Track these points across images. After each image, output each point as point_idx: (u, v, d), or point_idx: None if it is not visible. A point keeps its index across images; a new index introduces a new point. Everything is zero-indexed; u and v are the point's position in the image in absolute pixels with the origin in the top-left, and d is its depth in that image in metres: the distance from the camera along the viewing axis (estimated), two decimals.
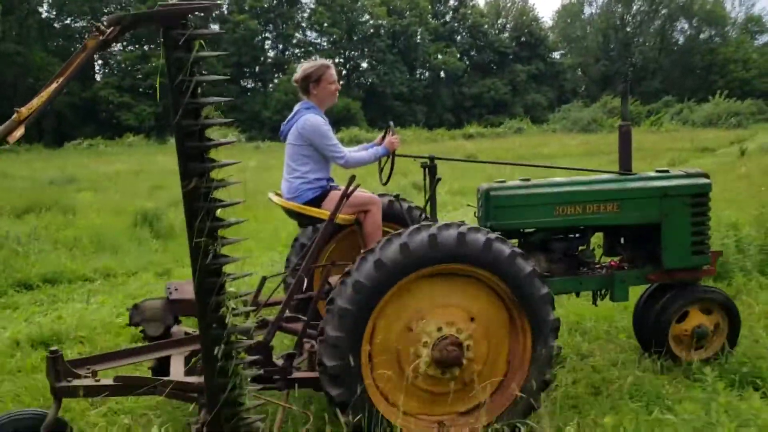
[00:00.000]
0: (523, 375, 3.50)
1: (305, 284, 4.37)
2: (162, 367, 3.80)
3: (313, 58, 4.88)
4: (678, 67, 71.05)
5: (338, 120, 46.28)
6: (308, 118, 4.44)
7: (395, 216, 4.86)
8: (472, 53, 66.42)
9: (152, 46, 50.08)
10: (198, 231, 2.72)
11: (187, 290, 4.24)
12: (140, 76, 48.82)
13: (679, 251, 4.44)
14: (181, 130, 2.65)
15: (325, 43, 59.82)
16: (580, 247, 4.57)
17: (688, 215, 4.44)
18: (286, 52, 58.12)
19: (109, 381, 3.45)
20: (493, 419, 3.44)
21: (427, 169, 4.62)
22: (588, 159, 22.03)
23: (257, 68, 55.03)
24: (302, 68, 4.63)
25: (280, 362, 3.62)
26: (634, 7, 73.67)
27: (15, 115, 2.54)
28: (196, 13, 2.58)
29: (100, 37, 2.58)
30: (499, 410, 3.48)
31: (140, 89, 48.08)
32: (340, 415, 3.27)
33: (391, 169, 4.82)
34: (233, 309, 2.86)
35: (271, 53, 57.81)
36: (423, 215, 4.86)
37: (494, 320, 3.53)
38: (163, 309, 4.11)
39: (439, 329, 3.41)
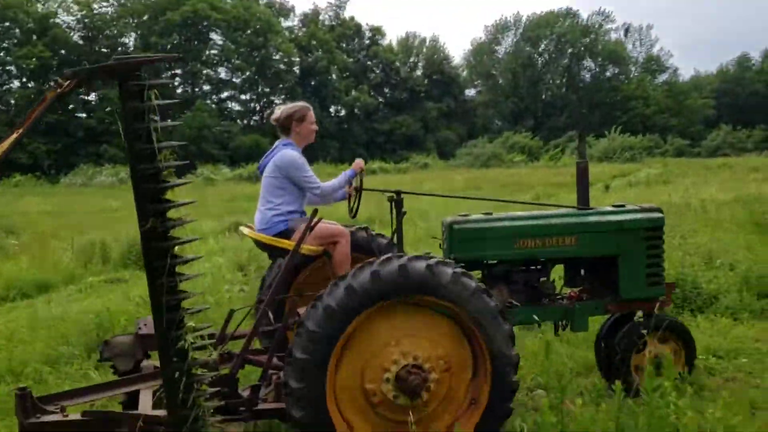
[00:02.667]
0: (481, 407, 3.60)
1: (272, 317, 4.50)
2: (133, 401, 3.84)
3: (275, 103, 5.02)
4: (584, 103, 74.77)
5: (247, 155, 46.46)
6: (286, 152, 4.68)
7: (363, 247, 4.98)
8: (386, 90, 67.99)
9: (49, 84, 49.13)
10: (157, 269, 2.85)
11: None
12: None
13: (636, 282, 4.64)
14: (137, 173, 2.84)
15: (236, 80, 60.12)
16: (541, 279, 4.74)
17: (643, 248, 4.65)
18: (196, 89, 58.00)
19: (77, 416, 3.48)
20: None
21: (393, 203, 4.81)
22: (467, 192, 22.93)
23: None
24: (284, 108, 4.88)
25: (245, 394, 3.69)
26: (542, 47, 77.10)
27: None
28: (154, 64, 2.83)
29: (58, 90, 2.75)
30: (471, 426, 3.58)
31: (34, 127, 46.87)
32: None
33: (358, 202, 5.02)
34: (193, 343, 2.94)
35: (179, 90, 57.56)
36: (393, 246, 4.99)
37: (457, 352, 3.63)
38: (133, 344, 4.18)
39: (404, 357, 3.50)
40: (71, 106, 50.25)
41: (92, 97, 53.62)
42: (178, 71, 56.55)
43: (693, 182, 24.61)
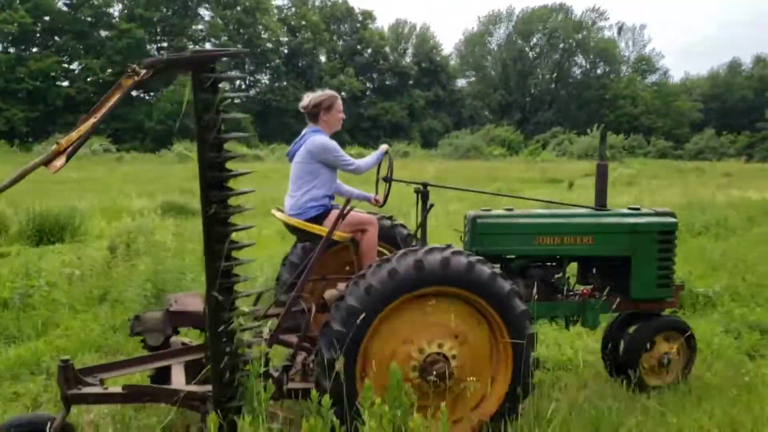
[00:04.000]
0: (505, 385, 3.76)
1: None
2: (160, 376, 3.96)
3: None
4: (573, 100, 74.81)
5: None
6: (316, 138, 4.74)
7: (387, 237, 5.14)
8: (373, 75, 67.78)
9: (32, 50, 48.78)
10: (216, 253, 2.98)
11: (186, 303, 4.45)
12: (14, 79, 47.26)
13: (646, 283, 4.79)
14: (205, 162, 2.95)
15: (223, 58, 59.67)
16: (556, 275, 4.88)
17: (655, 251, 4.80)
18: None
19: (117, 389, 3.60)
20: (479, 427, 3.67)
21: (420, 195, 4.96)
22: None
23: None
24: (312, 97, 4.91)
25: (275, 374, 3.76)
26: (534, 41, 77.04)
27: (55, 146, 2.77)
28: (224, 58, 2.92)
29: (135, 78, 2.83)
30: (485, 418, 3.73)
31: (12, 92, 46.57)
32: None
33: (388, 190, 5.14)
34: (241, 325, 3.08)
35: None
36: (414, 239, 5.14)
37: (477, 336, 3.78)
38: (163, 320, 4.27)
39: (428, 346, 3.66)
40: (52, 74, 49.85)
41: (74, 66, 53.28)
42: (161, 45, 56.15)
43: (658, 185, 24.76)
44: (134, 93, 55.86)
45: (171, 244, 7.91)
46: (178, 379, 3.77)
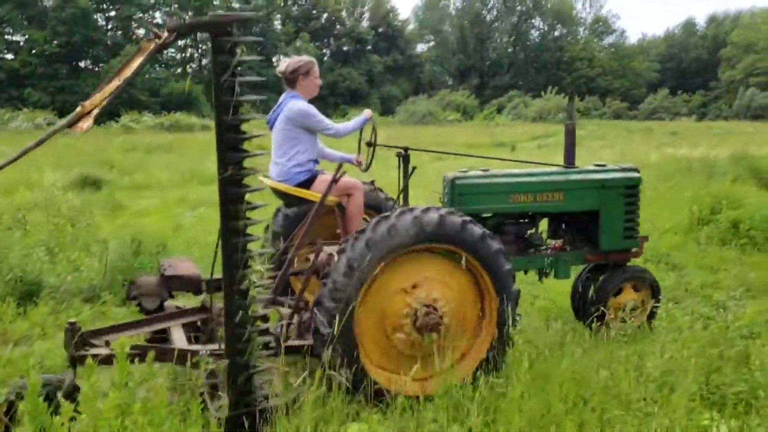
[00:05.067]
0: (489, 339, 3.99)
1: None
2: (156, 338, 4.11)
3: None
4: (531, 63, 74.95)
5: (179, 104, 45.52)
6: (295, 103, 4.79)
7: (368, 202, 5.21)
8: (330, 41, 66.94)
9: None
10: (232, 214, 3.11)
11: (180, 267, 4.56)
12: None
13: (614, 235, 5.10)
14: (221, 123, 3.02)
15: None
16: (529, 231, 5.17)
17: (621, 204, 5.12)
18: (130, 34, 56.10)
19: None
20: (467, 374, 3.86)
21: (401, 159, 5.13)
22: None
23: (91, 49, 52.76)
24: (290, 62, 4.92)
25: (275, 332, 3.88)
26: (491, 3, 76.70)
27: (79, 108, 2.80)
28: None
29: (157, 41, 2.85)
30: (472, 366, 3.96)
31: None
32: (333, 375, 3.59)
33: (371, 157, 5.24)
34: (254, 282, 3.20)
35: (112, 34, 55.69)
36: (395, 202, 5.29)
37: (465, 291, 4.02)
38: (159, 285, 4.41)
39: (420, 299, 3.86)
40: None
41: (18, 37, 51.59)
42: (109, 14, 54.61)
43: (602, 145, 25.06)
44: (82, 64, 54.67)
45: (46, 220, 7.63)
46: (179, 340, 3.94)
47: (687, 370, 3.64)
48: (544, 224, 5.41)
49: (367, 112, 5.20)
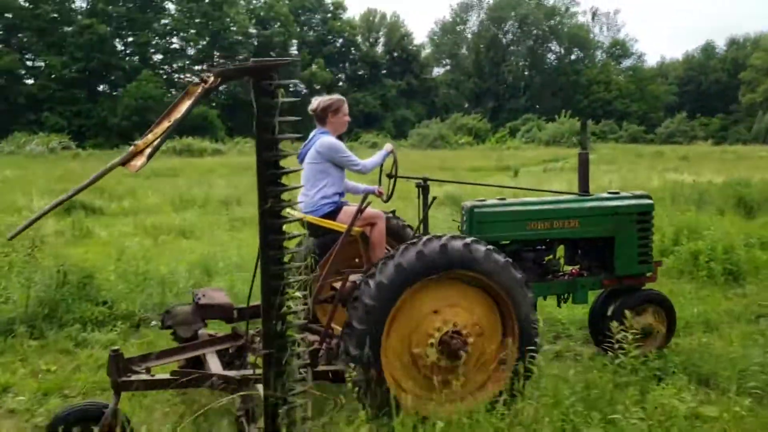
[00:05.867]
0: (510, 366, 4.10)
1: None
2: (190, 365, 4.28)
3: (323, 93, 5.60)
4: (547, 86, 74.90)
5: (194, 128, 46.05)
6: (325, 139, 5.06)
7: (390, 231, 5.41)
8: (345, 65, 67.59)
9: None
10: (272, 243, 3.30)
11: (213, 296, 4.75)
12: None
13: (629, 260, 5.27)
14: (262, 160, 3.24)
15: (190, 51, 59.46)
16: (547, 258, 5.30)
17: (635, 230, 5.28)
18: (148, 59, 57.19)
19: (165, 376, 3.88)
20: (488, 400, 3.98)
21: (420, 189, 5.26)
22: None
23: (108, 74, 53.81)
24: (321, 100, 5.21)
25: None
26: (506, 27, 77.00)
27: (132, 147, 2.96)
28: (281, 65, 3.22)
29: (204, 85, 3.04)
30: (501, 383, 4.09)
31: None
32: (359, 396, 3.78)
33: (393, 188, 5.44)
34: (291, 309, 3.37)
35: (131, 59, 56.75)
36: (417, 231, 5.39)
37: (489, 318, 4.18)
38: (193, 313, 4.57)
39: (445, 325, 4.01)
40: (14, 71, 49.33)
41: (40, 63, 52.74)
42: (127, 39, 55.76)
43: (607, 170, 24.90)
44: (99, 89, 55.71)
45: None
46: (215, 366, 4.09)
47: None
48: (560, 251, 5.58)
49: (388, 147, 5.40)
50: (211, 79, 3.05)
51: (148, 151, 2.97)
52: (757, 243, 8.54)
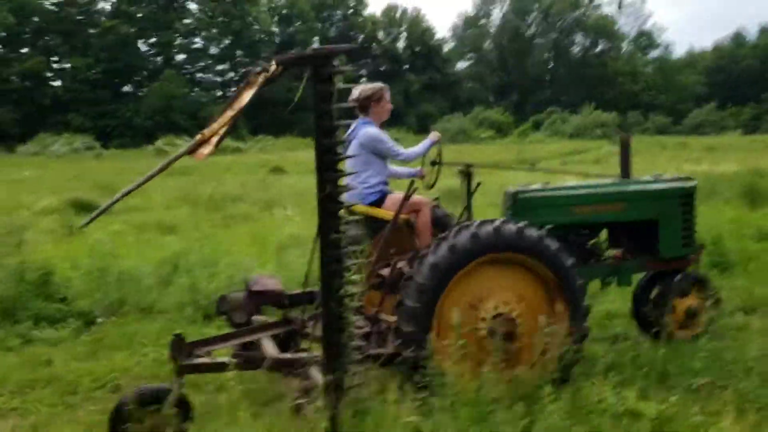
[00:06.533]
0: (557, 352, 4.13)
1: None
2: (243, 349, 4.39)
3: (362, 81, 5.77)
4: (571, 78, 73.85)
5: None
6: (368, 130, 5.18)
7: (433, 220, 5.46)
8: (368, 61, 67.44)
9: (20, 50, 49.17)
10: (331, 227, 3.43)
11: (266, 283, 4.89)
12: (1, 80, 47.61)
13: (673, 243, 5.25)
14: (321, 146, 3.38)
15: (213, 50, 59.85)
16: (591, 242, 5.34)
17: (679, 212, 5.27)
18: (171, 59, 57.73)
19: (225, 359, 4.01)
20: (547, 373, 4.06)
21: (465, 176, 5.32)
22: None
23: (132, 74, 54.50)
24: (363, 89, 5.28)
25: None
26: (529, 19, 76.09)
27: (198, 136, 3.11)
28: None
29: (266, 74, 3.17)
30: (553, 363, 4.13)
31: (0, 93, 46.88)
32: (410, 373, 3.87)
33: (438, 174, 5.52)
34: (349, 292, 3.51)
35: (155, 59, 57.38)
36: (459, 218, 5.41)
37: (539, 302, 4.25)
38: (246, 299, 4.73)
39: (496, 307, 4.11)
40: (40, 74, 50.21)
41: (66, 65, 53.57)
42: (151, 40, 56.37)
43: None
44: (124, 89, 56.42)
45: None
46: (270, 350, 4.20)
47: None
48: (604, 234, 5.59)
49: (433, 135, 5.46)
50: (273, 67, 3.18)
51: (215, 139, 3.10)
52: (754, 233, 8.21)
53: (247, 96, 3.17)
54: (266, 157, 28.89)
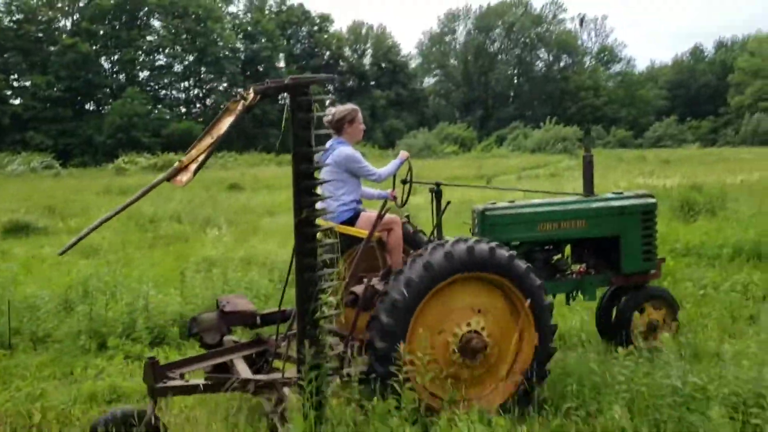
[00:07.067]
0: (524, 369, 4.27)
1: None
2: (216, 370, 4.41)
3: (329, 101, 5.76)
4: (535, 93, 74.98)
5: (181, 144, 46.11)
6: (342, 150, 5.28)
7: (403, 237, 5.55)
8: (333, 77, 67.64)
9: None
10: (307, 251, 3.49)
11: (237, 303, 4.88)
12: None
13: (634, 258, 5.45)
14: (298, 171, 3.44)
15: (177, 67, 59.55)
16: (555, 257, 5.52)
17: (640, 228, 5.47)
18: (135, 76, 57.29)
19: (199, 381, 4.04)
20: (512, 392, 4.20)
21: (434, 194, 5.39)
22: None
23: (94, 92, 53.93)
24: (336, 111, 5.40)
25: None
26: (493, 36, 77.19)
27: (177, 163, 3.13)
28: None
29: (244, 102, 3.21)
30: (518, 379, 4.25)
31: None
32: (378, 390, 3.90)
33: (408, 194, 5.60)
34: (325, 314, 3.55)
35: (117, 77, 56.88)
36: (430, 236, 5.52)
37: (507, 321, 4.33)
38: (218, 320, 4.71)
39: (467, 325, 4.18)
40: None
41: (27, 82, 52.77)
42: (112, 57, 55.94)
43: (579, 175, 24.82)
44: (87, 107, 55.76)
45: None
46: (243, 370, 4.25)
47: None
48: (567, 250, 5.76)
49: (403, 154, 5.57)
50: (251, 96, 3.25)
51: (194, 166, 3.15)
52: (682, 248, 8.43)
53: (225, 124, 3.23)
54: (225, 174, 28.74)
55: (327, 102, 5.70)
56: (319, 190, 3.58)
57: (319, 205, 3.67)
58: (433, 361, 4.11)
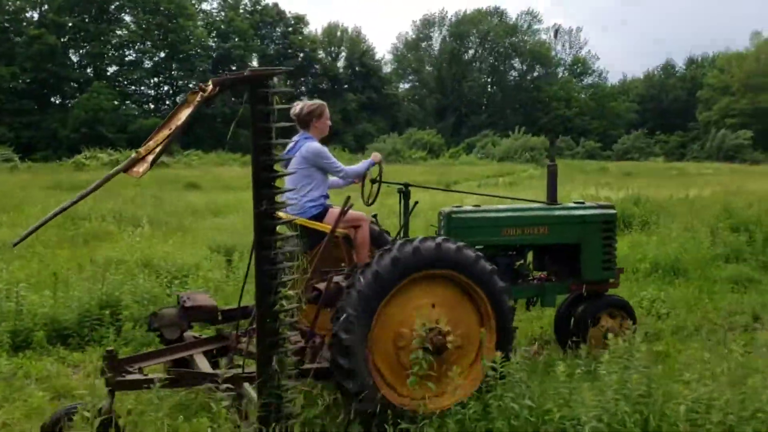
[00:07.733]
0: (491, 351, 4.31)
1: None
2: (176, 366, 4.42)
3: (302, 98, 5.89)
4: (507, 102, 75.55)
5: (142, 140, 45.53)
6: (310, 145, 5.24)
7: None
8: (308, 79, 67.54)
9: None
10: (266, 244, 3.48)
11: (198, 299, 4.91)
12: None
13: (594, 266, 5.62)
14: (258, 163, 3.44)
15: (147, 63, 58.93)
16: (518, 263, 5.67)
17: (600, 238, 5.63)
18: (103, 71, 56.57)
19: (158, 375, 4.02)
20: (471, 390, 4.27)
21: (402, 194, 5.54)
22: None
23: (61, 85, 53.15)
24: (304, 105, 5.36)
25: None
26: (468, 43, 77.64)
27: (134, 154, 3.17)
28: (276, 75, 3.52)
29: (203, 94, 3.20)
30: (472, 388, 4.30)
31: None
32: (343, 390, 3.99)
33: (377, 192, 5.63)
34: (283, 307, 3.54)
35: (84, 70, 56.10)
36: (396, 236, 5.61)
37: (467, 313, 4.42)
38: (179, 316, 4.73)
39: (428, 321, 4.23)
40: None
41: None
42: (80, 50, 55.17)
43: (539, 184, 25.04)
44: (52, 100, 54.95)
45: None
46: (203, 366, 4.27)
47: None
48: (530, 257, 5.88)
49: (375, 156, 5.59)
50: (210, 87, 3.26)
51: (151, 157, 3.14)
52: None
53: (183, 115, 3.22)
54: (185, 173, 28.45)
55: (296, 93, 5.68)
56: (286, 184, 3.59)
57: (283, 197, 3.71)
58: (394, 356, 4.21)
